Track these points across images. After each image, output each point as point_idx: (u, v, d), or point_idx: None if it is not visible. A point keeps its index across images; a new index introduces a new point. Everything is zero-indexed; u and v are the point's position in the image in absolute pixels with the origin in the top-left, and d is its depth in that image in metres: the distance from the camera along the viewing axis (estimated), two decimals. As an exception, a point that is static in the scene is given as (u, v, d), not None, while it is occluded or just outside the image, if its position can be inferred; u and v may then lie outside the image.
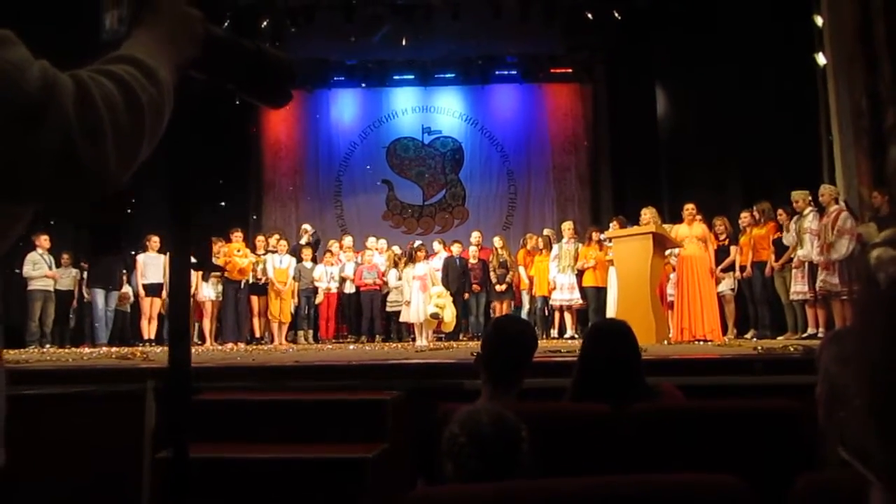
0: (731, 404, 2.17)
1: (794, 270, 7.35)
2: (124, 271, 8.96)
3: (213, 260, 8.87)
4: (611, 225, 8.61)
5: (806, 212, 7.12)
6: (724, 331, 7.88)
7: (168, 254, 0.96)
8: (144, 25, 0.82)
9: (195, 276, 8.73)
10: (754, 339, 7.43)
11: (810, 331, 7.17)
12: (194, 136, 0.93)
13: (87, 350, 7.38)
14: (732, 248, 8.16)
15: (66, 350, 7.66)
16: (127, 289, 9.01)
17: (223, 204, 10.79)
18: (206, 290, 9.04)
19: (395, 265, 9.53)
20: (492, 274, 9.55)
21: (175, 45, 0.82)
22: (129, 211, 8.63)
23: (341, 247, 10.16)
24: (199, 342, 8.80)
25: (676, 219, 8.00)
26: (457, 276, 9.40)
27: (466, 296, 9.48)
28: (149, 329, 8.65)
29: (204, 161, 7.41)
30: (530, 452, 1.46)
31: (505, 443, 1.44)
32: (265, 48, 0.95)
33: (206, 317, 9.11)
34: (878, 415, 0.24)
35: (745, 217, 8.16)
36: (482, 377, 2.16)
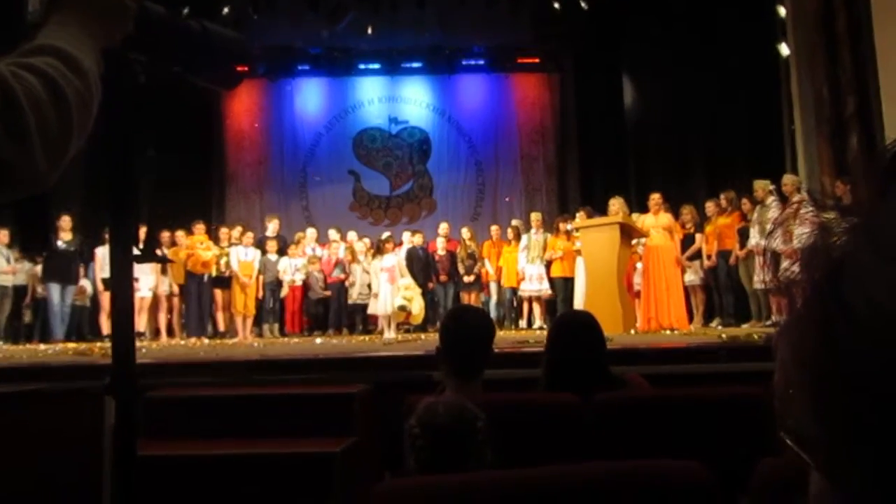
0: (696, 392, 2.21)
1: (756, 258, 7.43)
2: (81, 265, 8.76)
3: (165, 252, 8.69)
4: (578, 215, 8.68)
5: (769, 201, 7.15)
6: (691, 319, 7.95)
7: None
8: (68, 4, 0.77)
9: (153, 269, 8.57)
10: (719, 328, 7.49)
11: (774, 318, 7.30)
12: (135, 123, 0.88)
13: (42, 347, 7.24)
14: (698, 237, 8.24)
15: (21, 347, 7.50)
16: (84, 283, 8.85)
17: (184, 195, 10.51)
18: (163, 285, 8.89)
19: (354, 257, 9.40)
20: (459, 265, 9.56)
21: (103, 25, 0.78)
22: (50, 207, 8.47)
23: (302, 242, 9.94)
24: (158, 337, 8.67)
25: (643, 208, 8.05)
26: (421, 268, 9.34)
27: (431, 285, 9.44)
28: (108, 324, 8.46)
29: (158, 150, 7.20)
30: (488, 443, 1.47)
31: (459, 433, 1.45)
32: (211, 27, 0.91)
33: (162, 311, 8.97)
34: (813, 396, 0.25)
35: (710, 206, 8.24)
36: (444, 370, 2.16)
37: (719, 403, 2.04)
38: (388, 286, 7.93)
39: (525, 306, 9.29)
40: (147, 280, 8.43)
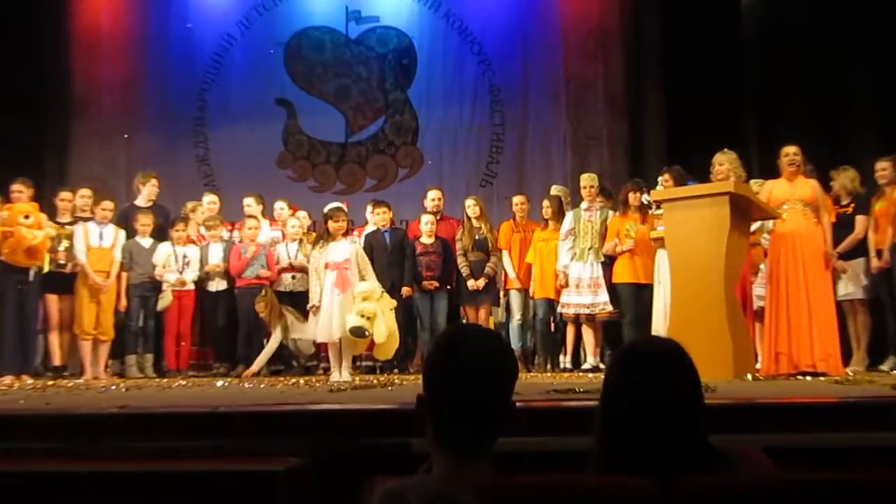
0: (853, 479, 2.12)
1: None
2: None
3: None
4: (660, 181, 8.66)
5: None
6: (848, 358, 7.89)
7: None
8: None
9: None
10: (894, 372, 7.48)
11: None
12: None
13: None
14: (860, 220, 8.18)
15: None
16: None
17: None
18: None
19: (300, 243, 9.68)
20: (459, 261, 9.61)
21: None
22: None
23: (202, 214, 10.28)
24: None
25: (771, 171, 7.98)
26: (391, 264, 9.50)
27: (406, 292, 9.46)
28: None
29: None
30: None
31: None
32: None
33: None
34: None
35: (884, 169, 8.18)
36: (430, 435, 2.14)
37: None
38: (336, 295, 7.98)
39: (569, 332, 9.29)
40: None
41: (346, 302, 7.93)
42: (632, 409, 2.13)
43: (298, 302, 9.26)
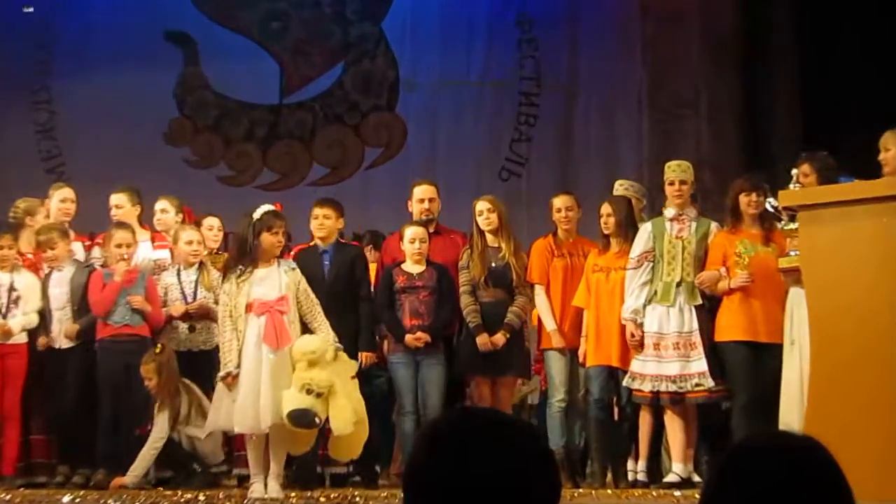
0: None
1: None
2: None
3: None
4: (793, 175, 8.38)
5: None
6: None
7: None
8: None
9: None
10: None
11: None
12: None
13: None
14: None
15: None
16: None
17: None
18: None
19: (201, 270, 9.36)
20: (464, 301, 9.16)
21: None
22: None
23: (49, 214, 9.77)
24: None
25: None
26: (326, 306, 8.78)
27: (367, 359, 9.25)
28: None
29: None
30: None
31: None
32: None
33: None
34: None
35: None
36: None
37: None
38: (266, 355, 8.01)
39: (643, 421, 8.84)
40: None
41: (282, 368, 7.73)
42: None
43: (199, 368, 8.99)
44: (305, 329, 8.11)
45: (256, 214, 8.18)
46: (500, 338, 9.04)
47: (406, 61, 12.46)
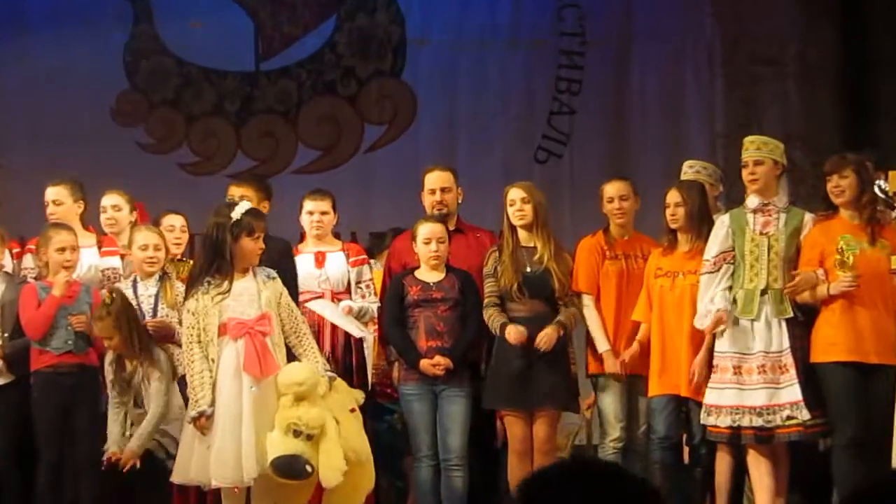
0: None
1: None
2: None
3: None
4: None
5: None
6: None
7: None
8: None
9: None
10: None
11: None
12: None
13: None
14: None
15: None
16: None
17: None
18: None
19: (163, 282, 9.33)
20: (491, 316, 9.33)
21: None
22: None
23: None
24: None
25: None
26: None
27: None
28: None
29: None
30: None
31: None
32: None
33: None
34: None
35: None
36: None
37: None
38: (246, 389, 8.09)
39: (721, 464, 8.82)
40: None
41: (268, 402, 7.79)
42: None
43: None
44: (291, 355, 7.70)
45: (235, 214, 7.94)
46: (551, 333, 9.03)
47: (415, 15, 12.24)
